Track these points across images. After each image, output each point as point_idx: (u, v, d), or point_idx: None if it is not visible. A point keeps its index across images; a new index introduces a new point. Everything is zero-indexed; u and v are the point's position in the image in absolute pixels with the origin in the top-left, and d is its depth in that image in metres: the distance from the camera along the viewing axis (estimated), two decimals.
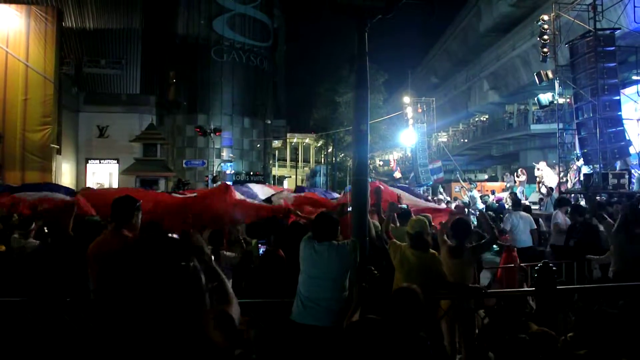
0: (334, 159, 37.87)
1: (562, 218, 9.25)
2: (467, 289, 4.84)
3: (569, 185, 16.97)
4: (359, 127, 4.34)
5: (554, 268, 4.32)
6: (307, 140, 59.01)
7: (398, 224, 6.49)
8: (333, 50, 43.04)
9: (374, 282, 3.96)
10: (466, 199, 18.63)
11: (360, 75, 4.26)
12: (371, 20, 4.02)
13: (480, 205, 17.24)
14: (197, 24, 41.97)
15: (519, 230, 9.18)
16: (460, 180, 23.41)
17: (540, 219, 11.58)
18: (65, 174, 29.32)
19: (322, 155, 52.86)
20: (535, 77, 18.06)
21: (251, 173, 40.88)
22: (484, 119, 38.81)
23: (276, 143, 54.63)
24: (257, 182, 35.89)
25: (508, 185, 22.47)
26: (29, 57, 24.84)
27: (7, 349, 3.41)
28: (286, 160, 59.68)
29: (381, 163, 48.36)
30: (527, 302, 5.24)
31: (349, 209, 5.02)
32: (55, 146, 25.81)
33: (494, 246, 9.33)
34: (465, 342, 5.02)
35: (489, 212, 12.04)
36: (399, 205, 6.72)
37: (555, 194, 15.39)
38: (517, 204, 10.49)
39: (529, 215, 9.56)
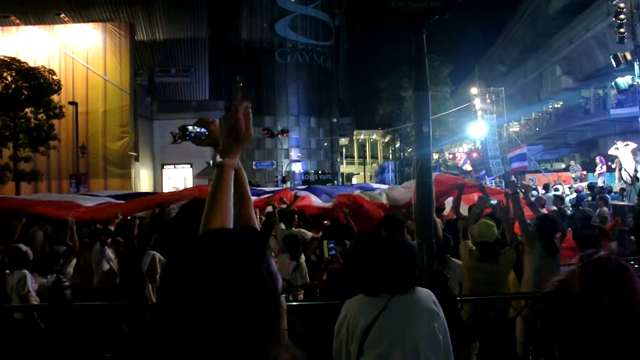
0: (402, 154, 37.45)
1: None
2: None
3: None
4: (420, 129, 4.30)
5: None
6: (374, 137, 58.71)
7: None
8: (396, 44, 42.51)
9: (439, 287, 3.91)
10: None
11: (419, 77, 4.22)
12: (428, 22, 3.98)
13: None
14: (260, 28, 42.84)
15: None
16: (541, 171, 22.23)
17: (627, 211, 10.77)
18: (143, 179, 30.78)
19: (390, 151, 52.44)
20: (612, 60, 17.06)
21: (320, 172, 41.20)
22: (558, 106, 37.01)
23: (343, 141, 54.72)
24: (326, 180, 36.24)
25: (574, 175, 21.15)
26: (107, 71, 26.33)
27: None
28: (354, 157, 59.65)
29: (450, 157, 47.32)
30: None
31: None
32: (133, 153, 27.21)
33: None
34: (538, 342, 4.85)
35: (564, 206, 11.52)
36: (491, 201, 5.89)
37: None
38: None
39: None
